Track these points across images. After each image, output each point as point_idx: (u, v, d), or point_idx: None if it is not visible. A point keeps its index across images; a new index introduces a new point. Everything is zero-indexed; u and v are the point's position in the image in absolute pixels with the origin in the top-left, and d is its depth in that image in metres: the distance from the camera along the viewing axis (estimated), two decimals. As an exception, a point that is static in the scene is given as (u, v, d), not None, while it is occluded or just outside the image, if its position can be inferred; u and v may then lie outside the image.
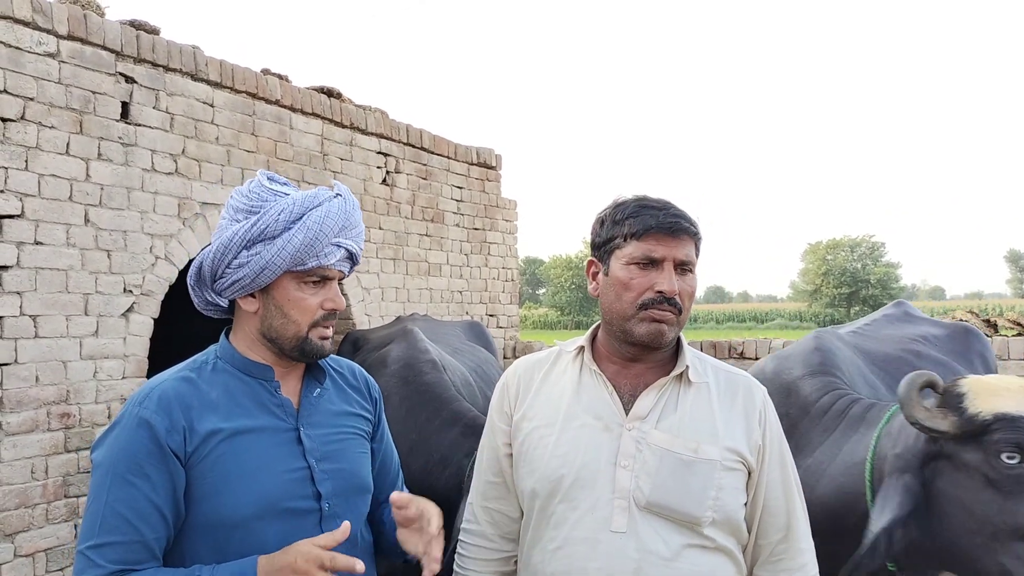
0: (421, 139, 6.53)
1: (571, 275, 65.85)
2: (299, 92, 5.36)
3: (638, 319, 1.72)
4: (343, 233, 1.68)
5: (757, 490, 1.76)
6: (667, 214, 1.73)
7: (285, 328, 1.66)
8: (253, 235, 1.61)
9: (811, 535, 1.83)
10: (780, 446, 1.80)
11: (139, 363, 4.27)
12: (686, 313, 1.75)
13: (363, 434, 1.82)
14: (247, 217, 1.64)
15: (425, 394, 3.48)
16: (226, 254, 1.63)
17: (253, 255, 1.61)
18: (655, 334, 1.71)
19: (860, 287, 64.96)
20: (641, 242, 1.72)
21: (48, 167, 3.87)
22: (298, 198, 1.65)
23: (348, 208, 1.70)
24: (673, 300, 1.71)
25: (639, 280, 1.72)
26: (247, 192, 1.68)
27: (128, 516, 1.50)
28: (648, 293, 1.71)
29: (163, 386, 1.61)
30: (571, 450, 1.73)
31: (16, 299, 3.73)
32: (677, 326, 1.74)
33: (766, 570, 1.79)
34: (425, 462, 3.22)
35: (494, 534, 1.90)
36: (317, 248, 1.63)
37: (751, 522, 1.77)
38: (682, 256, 1.73)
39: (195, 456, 1.56)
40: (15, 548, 3.71)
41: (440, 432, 3.31)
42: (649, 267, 1.72)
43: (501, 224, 7.51)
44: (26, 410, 3.76)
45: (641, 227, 1.72)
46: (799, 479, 1.85)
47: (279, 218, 1.62)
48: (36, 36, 3.83)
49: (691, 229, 1.75)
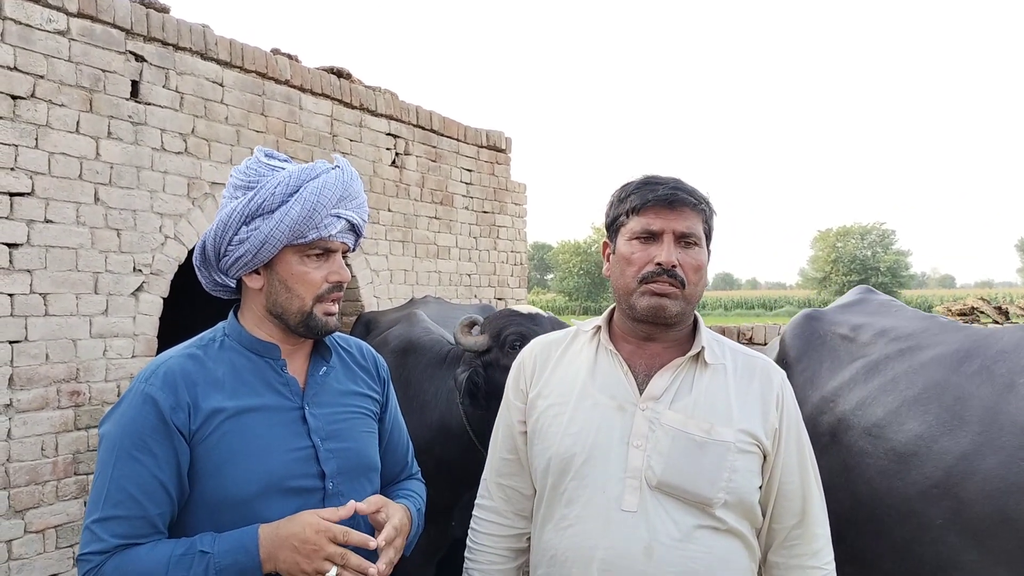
0: (431, 121, 6.50)
1: (579, 261, 65.66)
2: (309, 72, 5.34)
3: (639, 293, 1.72)
4: (342, 204, 1.66)
5: (773, 474, 1.74)
6: (667, 187, 1.74)
7: (290, 303, 1.65)
8: (251, 210, 1.61)
9: (827, 521, 1.82)
10: (798, 430, 1.79)
11: (148, 342, 4.28)
12: (693, 287, 1.73)
13: (370, 414, 1.81)
14: (244, 193, 1.64)
15: (418, 354, 3.67)
16: (226, 231, 1.62)
17: (252, 230, 1.61)
18: (656, 307, 1.70)
19: (870, 275, 64.58)
20: (641, 216, 1.74)
21: (58, 145, 3.86)
22: (294, 171, 1.65)
23: (346, 179, 1.68)
24: (673, 272, 1.70)
25: (640, 254, 1.73)
26: (244, 169, 1.67)
27: (132, 491, 1.51)
28: (648, 266, 1.71)
29: (169, 363, 1.61)
30: (584, 428, 1.73)
31: (26, 277, 3.74)
32: (683, 300, 1.72)
33: (780, 555, 1.78)
34: (420, 416, 3.35)
35: (508, 510, 1.91)
36: (316, 219, 1.61)
37: (766, 506, 1.76)
38: (682, 228, 1.72)
39: (199, 434, 1.56)
40: (25, 524, 3.74)
41: (427, 377, 3.50)
42: (650, 241, 1.73)
43: (510, 208, 7.49)
44: (36, 388, 3.78)
45: (640, 201, 1.74)
46: (816, 464, 1.83)
47: (275, 191, 1.61)
48: (46, 14, 3.82)
49: (690, 200, 1.73)
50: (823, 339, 2.90)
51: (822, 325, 2.97)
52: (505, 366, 2.99)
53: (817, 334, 2.93)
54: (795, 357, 2.92)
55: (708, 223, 1.78)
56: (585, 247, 66.34)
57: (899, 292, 63.79)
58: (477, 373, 3.10)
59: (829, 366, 2.78)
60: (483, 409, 3.09)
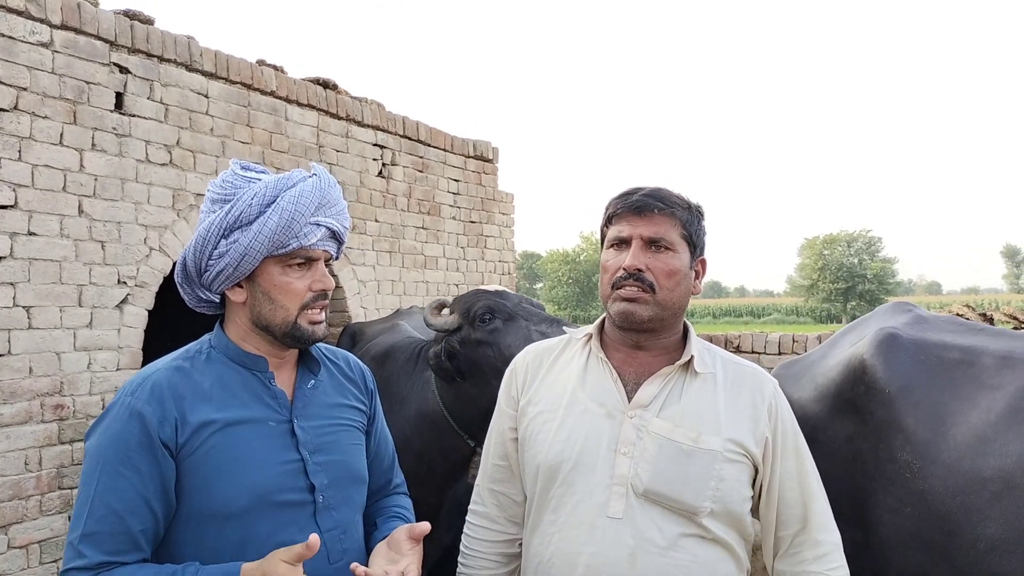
0: (417, 131, 6.51)
1: (568, 270, 65.75)
2: (294, 83, 5.33)
3: (613, 299, 1.75)
4: (320, 211, 1.65)
5: (771, 483, 1.75)
6: (639, 195, 1.77)
7: (274, 314, 1.64)
8: (228, 223, 1.60)
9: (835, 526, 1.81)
10: (794, 438, 1.79)
11: (133, 355, 4.25)
12: (667, 292, 1.73)
13: (358, 426, 1.80)
14: (222, 207, 1.63)
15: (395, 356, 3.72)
16: (206, 246, 1.61)
17: (232, 243, 1.60)
18: (625, 312, 1.73)
19: (857, 282, 64.98)
20: (614, 225, 1.79)
21: (41, 157, 3.84)
22: (270, 181, 1.64)
23: (323, 186, 1.67)
24: (640, 276, 1.71)
25: (612, 261, 1.77)
26: (220, 182, 1.66)
27: (116, 507, 1.49)
28: (619, 272, 1.74)
29: (155, 376, 1.59)
30: (572, 435, 1.74)
31: (9, 290, 3.71)
32: (654, 305, 1.72)
33: (785, 563, 1.79)
34: (399, 412, 3.39)
35: (500, 516, 1.92)
36: (295, 229, 1.60)
37: (767, 516, 1.77)
38: (649, 234, 1.73)
39: (187, 448, 1.55)
40: (8, 539, 3.70)
41: (404, 374, 3.55)
42: (622, 247, 1.76)
43: (498, 217, 7.49)
44: (19, 401, 3.74)
45: (612, 211, 1.79)
46: (817, 470, 1.83)
47: (252, 202, 1.60)
48: (29, 25, 3.80)
49: (659, 206, 1.74)
50: (929, 365, 2.55)
51: (921, 349, 2.59)
52: (477, 340, 3.13)
53: (919, 359, 2.56)
54: (900, 387, 2.52)
55: (687, 228, 1.77)
56: (574, 256, 66.44)
57: (885, 299, 64.11)
58: (449, 345, 3.16)
59: (953, 395, 2.45)
60: (455, 385, 3.17)
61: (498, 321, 3.11)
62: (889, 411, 2.47)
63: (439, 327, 3.18)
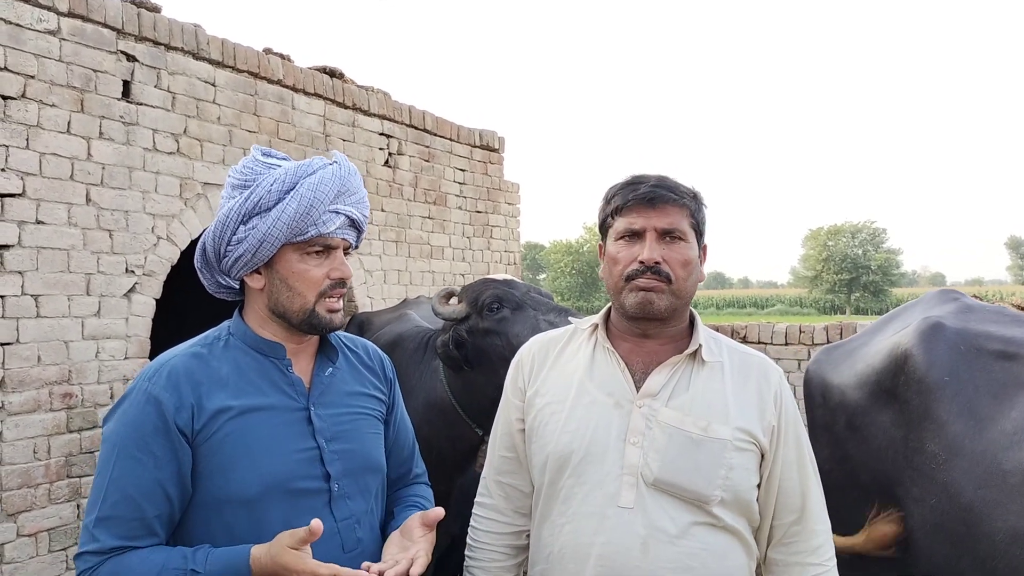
0: (424, 121, 6.49)
1: (571, 260, 65.64)
2: (301, 72, 5.32)
3: (627, 290, 1.74)
4: (340, 199, 1.65)
5: (772, 471, 1.75)
6: (647, 186, 1.76)
7: (291, 301, 1.64)
8: (248, 209, 1.60)
9: (827, 517, 1.82)
10: (796, 428, 1.79)
11: (141, 343, 4.26)
12: (682, 282, 1.74)
13: (376, 414, 1.80)
14: (241, 192, 1.62)
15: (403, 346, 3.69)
16: (224, 231, 1.61)
17: (250, 229, 1.59)
18: (643, 303, 1.72)
19: (861, 273, 64.84)
20: (623, 216, 1.76)
21: (49, 146, 3.84)
22: (291, 168, 1.63)
23: (343, 174, 1.67)
24: (657, 269, 1.71)
25: (624, 253, 1.75)
26: (241, 168, 1.66)
27: (131, 492, 1.50)
28: (633, 265, 1.73)
29: (173, 362, 1.59)
30: (581, 426, 1.73)
31: (17, 279, 3.71)
32: (671, 295, 1.73)
33: (779, 552, 1.78)
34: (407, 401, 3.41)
35: (507, 508, 1.91)
36: (314, 216, 1.60)
37: (766, 504, 1.77)
38: (664, 225, 1.73)
39: (203, 434, 1.55)
40: (18, 528, 3.71)
41: (413, 363, 3.53)
42: (634, 240, 1.75)
43: (503, 207, 7.49)
44: (28, 390, 3.75)
45: (622, 201, 1.77)
46: (816, 462, 1.83)
47: (272, 188, 1.59)
48: (36, 13, 3.79)
49: (671, 197, 1.74)
50: (969, 357, 2.51)
51: (964, 340, 2.55)
52: (485, 329, 3.12)
53: (959, 351, 2.53)
54: (938, 378, 2.48)
55: (695, 217, 1.78)
56: (577, 247, 66.33)
57: (889, 290, 64.05)
58: (457, 334, 3.14)
59: (988, 390, 2.41)
60: (463, 374, 3.17)
61: (506, 310, 3.10)
62: (925, 401, 2.46)
63: (447, 316, 3.18)
